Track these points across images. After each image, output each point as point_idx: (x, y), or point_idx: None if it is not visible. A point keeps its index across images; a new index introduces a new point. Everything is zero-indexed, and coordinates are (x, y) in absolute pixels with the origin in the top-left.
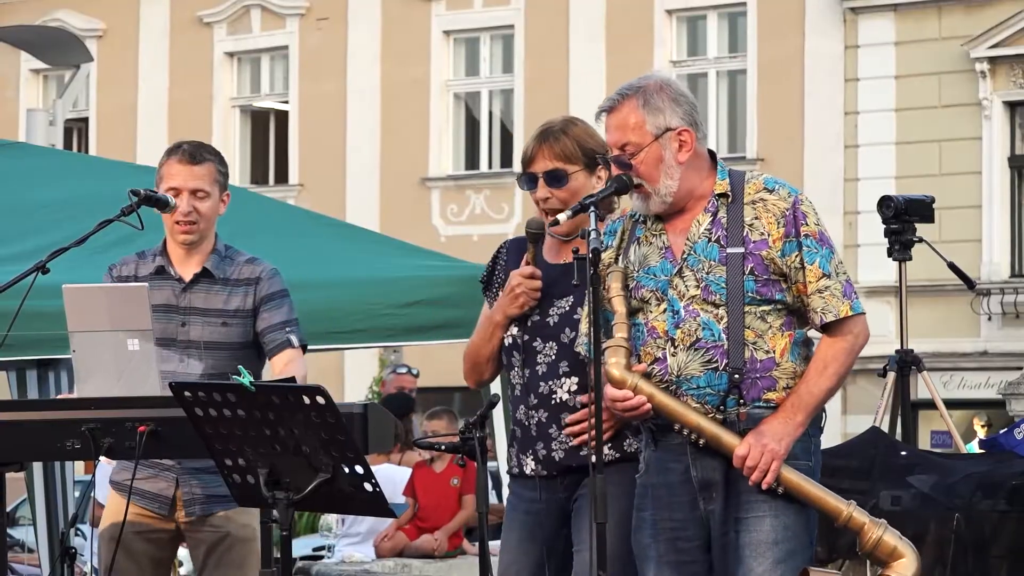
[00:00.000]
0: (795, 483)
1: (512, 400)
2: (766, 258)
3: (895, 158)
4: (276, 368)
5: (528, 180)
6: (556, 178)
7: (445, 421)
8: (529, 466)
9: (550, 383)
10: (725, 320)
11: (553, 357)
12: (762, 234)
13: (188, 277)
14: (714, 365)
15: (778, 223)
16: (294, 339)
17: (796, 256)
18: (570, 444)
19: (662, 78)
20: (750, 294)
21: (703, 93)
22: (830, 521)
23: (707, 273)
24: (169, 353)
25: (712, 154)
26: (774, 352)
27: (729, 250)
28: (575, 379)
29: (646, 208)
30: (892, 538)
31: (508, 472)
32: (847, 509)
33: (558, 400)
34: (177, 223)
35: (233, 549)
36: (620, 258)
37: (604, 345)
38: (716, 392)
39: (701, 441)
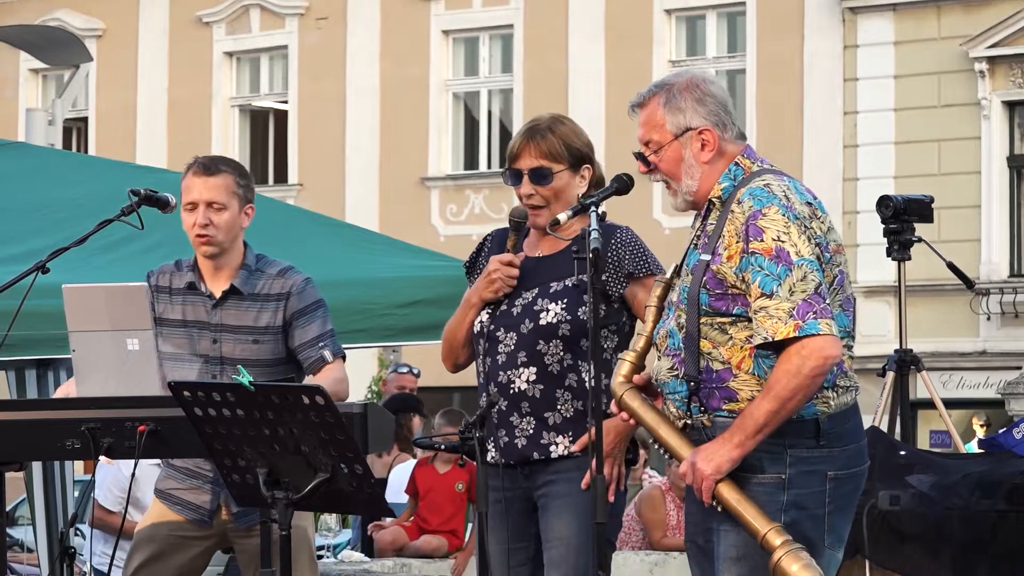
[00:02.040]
0: (726, 501)
1: (478, 388)
2: (717, 273)
3: (894, 158)
4: None
5: (513, 176)
6: (541, 176)
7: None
8: (490, 453)
9: (509, 372)
10: (684, 330)
11: (512, 347)
12: (725, 247)
13: (218, 293)
14: (675, 372)
15: (737, 237)
16: (327, 354)
17: (748, 273)
18: (531, 432)
19: (693, 76)
20: (703, 306)
21: None
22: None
23: (682, 281)
24: (203, 370)
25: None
26: (730, 364)
27: (701, 258)
28: (533, 369)
29: (674, 205)
30: (790, 565)
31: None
32: (763, 530)
33: (517, 389)
34: (197, 236)
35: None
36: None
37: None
38: (681, 398)
39: (667, 455)
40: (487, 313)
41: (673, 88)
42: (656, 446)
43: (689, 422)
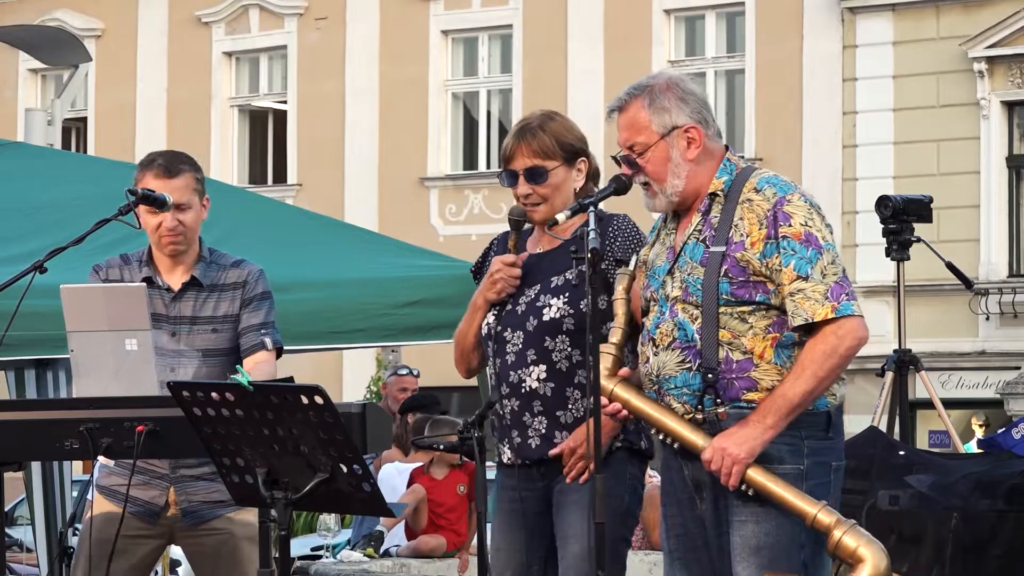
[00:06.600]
0: (761, 485)
1: (491, 390)
2: (740, 260)
3: (893, 158)
4: (246, 368)
5: (509, 177)
6: (536, 174)
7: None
8: (506, 455)
9: (519, 372)
10: (700, 320)
11: (520, 346)
12: (743, 235)
13: (176, 286)
14: (688, 365)
15: (760, 224)
16: (268, 341)
17: (776, 258)
18: (544, 431)
19: (671, 76)
20: (724, 295)
21: None
22: None
23: (688, 274)
24: (161, 363)
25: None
26: (752, 353)
27: (711, 250)
28: (543, 367)
29: (653, 206)
30: (853, 540)
31: (495, 461)
32: (813, 511)
33: (528, 388)
34: (162, 236)
35: (238, 549)
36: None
37: None
38: (692, 392)
39: (675, 444)
40: (494, 315)
41: (654, 89)
42: (662, 438)
43: (700, 416)
